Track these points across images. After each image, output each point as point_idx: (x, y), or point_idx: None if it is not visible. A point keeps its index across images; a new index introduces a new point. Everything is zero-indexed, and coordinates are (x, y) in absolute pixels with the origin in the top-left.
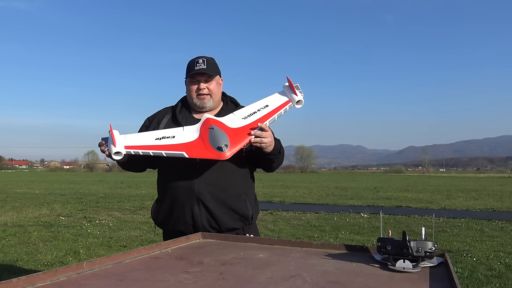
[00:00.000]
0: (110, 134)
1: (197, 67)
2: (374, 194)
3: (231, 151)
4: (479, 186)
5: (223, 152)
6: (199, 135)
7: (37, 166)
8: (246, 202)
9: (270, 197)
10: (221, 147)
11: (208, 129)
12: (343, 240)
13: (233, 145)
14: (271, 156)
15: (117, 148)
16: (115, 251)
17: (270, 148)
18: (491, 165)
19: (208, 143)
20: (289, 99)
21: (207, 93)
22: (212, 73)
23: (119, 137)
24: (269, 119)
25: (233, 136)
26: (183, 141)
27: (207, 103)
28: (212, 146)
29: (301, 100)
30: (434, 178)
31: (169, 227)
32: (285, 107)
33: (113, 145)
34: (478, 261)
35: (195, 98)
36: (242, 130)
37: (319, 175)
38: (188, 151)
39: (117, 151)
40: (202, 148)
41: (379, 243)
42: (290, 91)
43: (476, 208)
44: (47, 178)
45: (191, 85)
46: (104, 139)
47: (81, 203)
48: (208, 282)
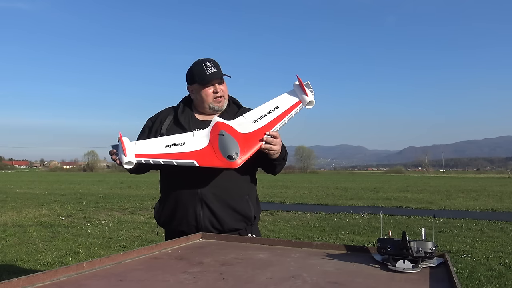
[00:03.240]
0: (120, 142)
1: (208, 71)
2: (374, 194)
3: (242, 158)
4: (479, 187)
5: (234, 160)
6: (209, 142)
7: (37, 166)
8: (249, 203)
9: (270, 197)
10: (231, 155)
11: (218, 136)
12: (343, 240)
13: (244, 152)
14: (275, 162)
15: (128, 157)
16: (115, 251)
17: (277, 155)
18: (491, 165)
19: (218, 151)
20: (300, 100)
21: (223, 94)
22: (225, 75)
23: (129, 145)
24: (280, 122)
25: (243, 143)
26: (193, 149)
27: (224, 105)
28: (223, 155)
29: (312, 100)
30: (434, 178)
31: (171, 227)
32: (295, 108)
33: (124, 154)
34: (478, 261)
35: (211, 102)
36: (252, 135)
37: (319, 176)
38: (199, 159)
39: (128, 161)
40: (213, 157)
41: (379, 244)
42: (301, 91)
43: (476, 208)
44: (47, 178)
45: (206, 90)
46: (114, 147)
47: (81, 203)
48: (208, 282)
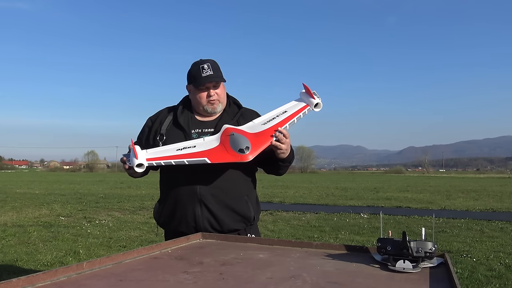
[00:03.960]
0: (132, 149)
1: (204, 73)
2: (374, 194)
3: (253, 153)
4: (479, 187)
5: (245, 154)
6: (220, 143)
7: (37, 166)
8: (248, 203)
9: (270, 197)
10: (242, 149)
11: (229, 136)
12: (343, 240)
13: (255, 148)
14: (280, 163)
15: (139, 160)
16: (115, 251)
17: (284, 155)
18: (491, 165)
19: (229, 147)
20: (307, 104)
21: (217, 98)
22: (220, 79)
23: (141, 152)
24: (289, 122)
25: (254, 140)
26: (204, 149)
27: (218, 108)
28: (234, 150)
29: (319, 103)
30: (434, 178)
31: (171, 227)
32: (303, 110)
33: (135, 157)
34: (478, 261)
35: (205, 104)
36: (262, 133)
37: (319, 176)
38: (210, 156)
39: (140, 163)
40: (224, 153)
41: (379, 244)
42: (307, 96)
43: (476, 208)
44: (47, 178)
45: (199, 92)
46: (125, 155)
47: (81, 203)
48: (208, 282)
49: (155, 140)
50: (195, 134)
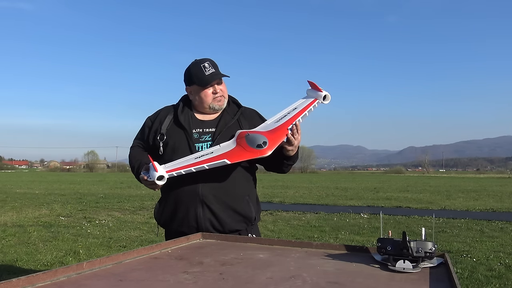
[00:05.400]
0: (151, 165)
1: (207, 72)
2: (374, 194)
3: (271, 147)
4: (479, 187)
5: (263, 148)
6: (236, 145)
7: (36, 166)
8: (249, 203)
9: (270, 197)
10: (260, 144)
11: (244, 138)
12: (343, 240)
13: (272, 142)
14: (285, 161)
15: (159, 172)
16: (115, 251)
17: (292, 152)
18: (491, 165)
19: (246, 146)
20: (316, 98)
21: (222, 94)
22: (225, 75)
23: (160, 166)
24: (301, 115)
25: (270, 136)
26: (222, 152)
27: (224, 104)
28: (251, 147)
29: (327, 95)
30: (434, 178)
31: (172, 228)
32: (313, 104)
33: (155, 170)
34: (478, 261)
35: (212, 102)
36: (277, 129)
37: (319, 176)
38: (229, 157)
39: (160, 175)
40: (242, 152)
41: (379, 244)
42: (314, 91)
43: (476, 208)
44: (47, 178)
45: (205, 91)
46: (144, 173)
47: (81, 203)
48: (208, 282)
49: (155, 140)
50: (196, 133)
